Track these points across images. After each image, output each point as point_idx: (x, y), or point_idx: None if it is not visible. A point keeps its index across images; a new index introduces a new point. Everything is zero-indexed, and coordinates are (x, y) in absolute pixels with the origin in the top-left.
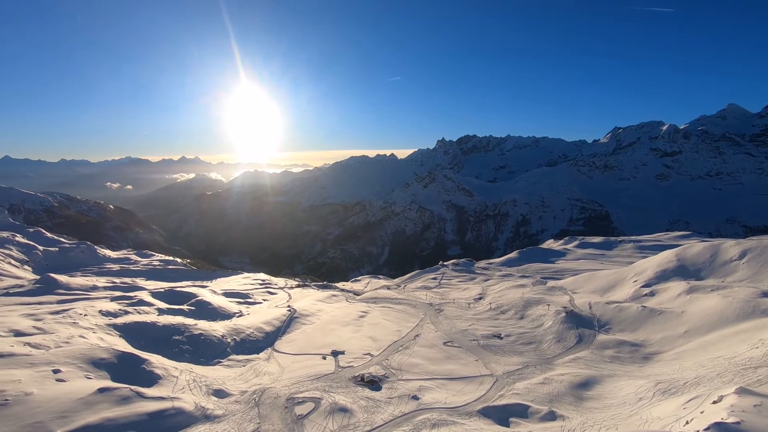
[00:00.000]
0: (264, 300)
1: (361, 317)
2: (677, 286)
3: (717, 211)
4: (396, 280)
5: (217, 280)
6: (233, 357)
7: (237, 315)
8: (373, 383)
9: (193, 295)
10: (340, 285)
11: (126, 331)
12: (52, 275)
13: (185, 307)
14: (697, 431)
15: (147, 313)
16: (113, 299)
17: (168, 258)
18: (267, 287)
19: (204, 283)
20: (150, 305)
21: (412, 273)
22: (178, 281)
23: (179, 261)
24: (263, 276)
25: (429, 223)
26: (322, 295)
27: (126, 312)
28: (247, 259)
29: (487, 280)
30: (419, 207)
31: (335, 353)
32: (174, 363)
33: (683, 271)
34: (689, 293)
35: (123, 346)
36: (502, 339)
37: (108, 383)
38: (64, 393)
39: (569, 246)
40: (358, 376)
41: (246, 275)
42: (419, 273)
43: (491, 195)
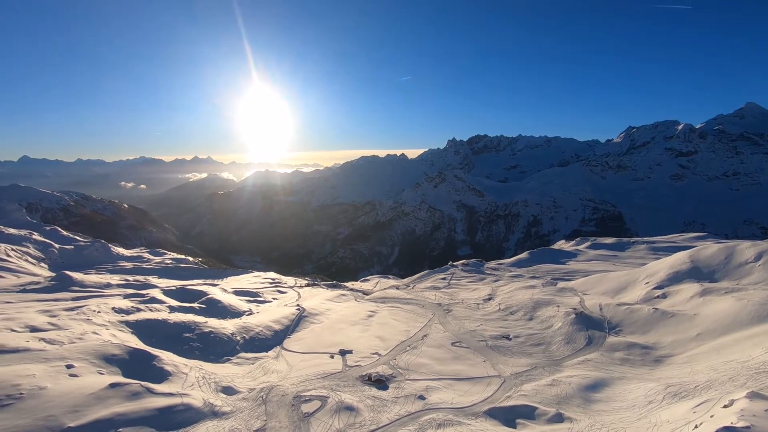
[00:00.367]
0: (274, 299)
1: (370, 317)
2: (690, 288)
3: (734, 212)
4: (405, 280)
5: (228, 278)
6: (242, 355)
7: (247, 313)
8: (380, 382)
9: (204, 294)
10: (349, 284)
11: (138, 328)
12: (67, 273)
13: (196, 305)
14: None
15: (158, 311)
16: (126, 297)
17: (180, 257)
18: (277, 286)
19: (215, 282)
20: (161, 303)
21: (421, 273)
22: (189, 279)
23: (191, 260)
24: (273, 275)
25: (439, 223)
26: (331, 295)
27: (138, 309)
28: (258, 258)
29: (497, 280)
30: (429, 207)
31: (343, 352)
32: (184, 360)
33: (697, 273)
34: (702, 295)
35: (134, 342)
36: (510, 340)
37: (119, 379)
38: (76, 388)
39: (581, 247)
40: (365, 375)
41: (256, 274)
42: (428, 273)
43: (502, 195)
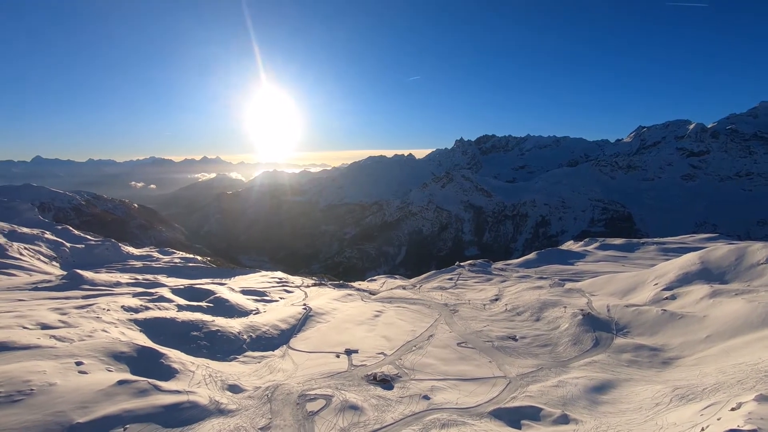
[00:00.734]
0: (281, 298)
1: (376, 316)
2: (700, 289)
3: (747, 213)
4: (412, 280)
5: (236, 277)
6: (249, 353)
7: (254, 312)
8: (386, 382)
9: (212, 293)
10: (356, 284)
11: (146, 326)
12: (78, 271)
13: (204, 304)
14: None
15: (167, 309)
16: (135, 295)
17: (189, 256)
18: (284, 285)
19: (223, 281)
20: (170, 301)
21: (428, 273)
22: (197, 278)
23: (199, 259)
24: (280, 274)
25: (446, 224)
26: (337, 294)
27: (147, 308)
28: (266, 258)
29: (504, 281)
30: (437, 207)
31: (349, 352)
32: (191, 358)
33: (707, 275)
34: (712, 297)
35: (143, 340)
36: (516, 341)
37: (127, 376)
38: (85, 384)
39: (589, 248)
40: (370, 374)
41: (264, 273)
42: (435, 273)
43: (510, 195)
